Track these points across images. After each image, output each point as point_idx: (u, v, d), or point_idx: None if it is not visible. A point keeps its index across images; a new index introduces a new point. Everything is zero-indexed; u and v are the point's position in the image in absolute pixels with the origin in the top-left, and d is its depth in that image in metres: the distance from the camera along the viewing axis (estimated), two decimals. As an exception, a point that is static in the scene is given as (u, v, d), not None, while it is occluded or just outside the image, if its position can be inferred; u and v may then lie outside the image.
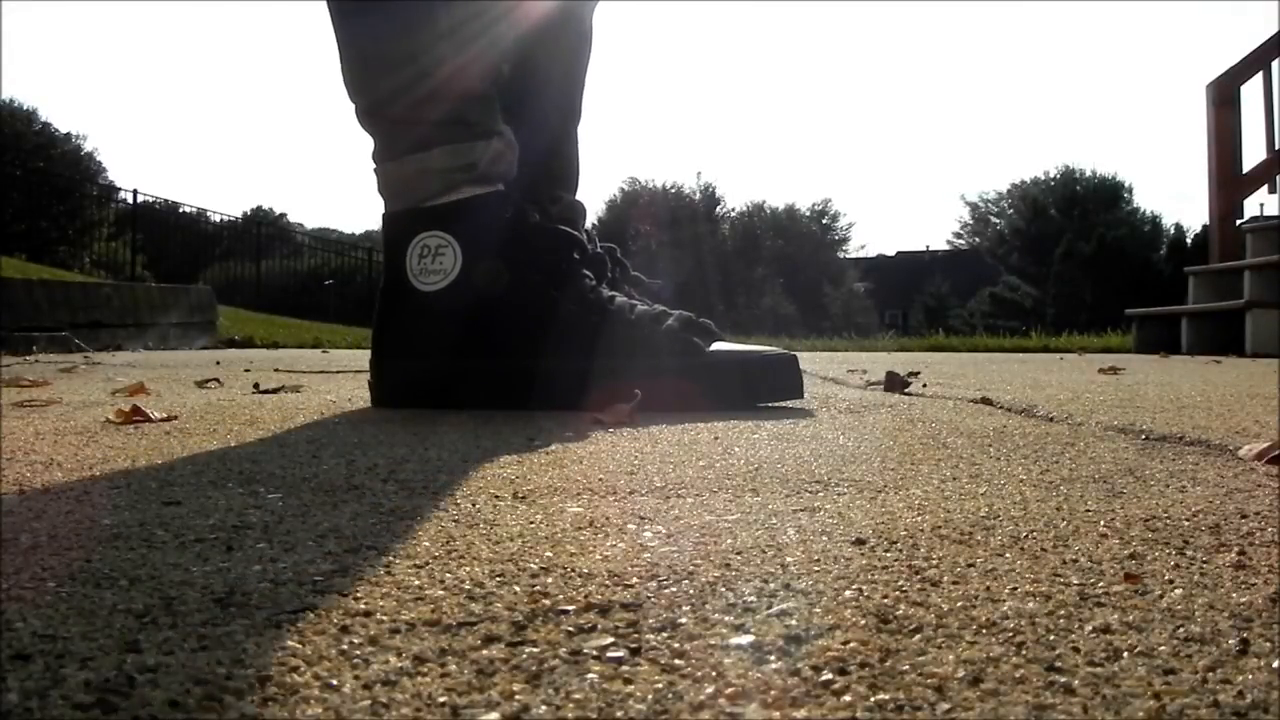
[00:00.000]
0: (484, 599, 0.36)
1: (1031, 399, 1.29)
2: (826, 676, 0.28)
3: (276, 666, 0.29)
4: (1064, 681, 0.28)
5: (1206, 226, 6.10)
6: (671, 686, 0.28)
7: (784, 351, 1.21)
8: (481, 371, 1.14)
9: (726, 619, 0.33)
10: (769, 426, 0.94)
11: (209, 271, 12.53)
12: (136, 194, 11.97)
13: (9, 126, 16.27)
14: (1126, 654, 0.30)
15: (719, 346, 1.17)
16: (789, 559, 0.42)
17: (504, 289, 1.13)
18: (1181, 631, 0.33)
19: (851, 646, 0.31)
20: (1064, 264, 22.58)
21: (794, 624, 0.33)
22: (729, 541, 0.45)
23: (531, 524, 0.49)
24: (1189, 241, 21.22)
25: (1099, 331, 6.52)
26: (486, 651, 0.30)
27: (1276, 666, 0.29)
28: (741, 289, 24.80)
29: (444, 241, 1.14)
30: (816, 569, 0.40)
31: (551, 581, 0.38)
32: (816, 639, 0.32)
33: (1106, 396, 1.33)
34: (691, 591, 0.37)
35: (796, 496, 0.58)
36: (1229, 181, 5.01)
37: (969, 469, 0.69)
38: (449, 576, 0.39)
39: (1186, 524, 0.50)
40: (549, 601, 0.35)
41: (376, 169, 1.20)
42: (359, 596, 0.36)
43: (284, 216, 31.53)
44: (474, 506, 0.54)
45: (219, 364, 2.57)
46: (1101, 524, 0.50)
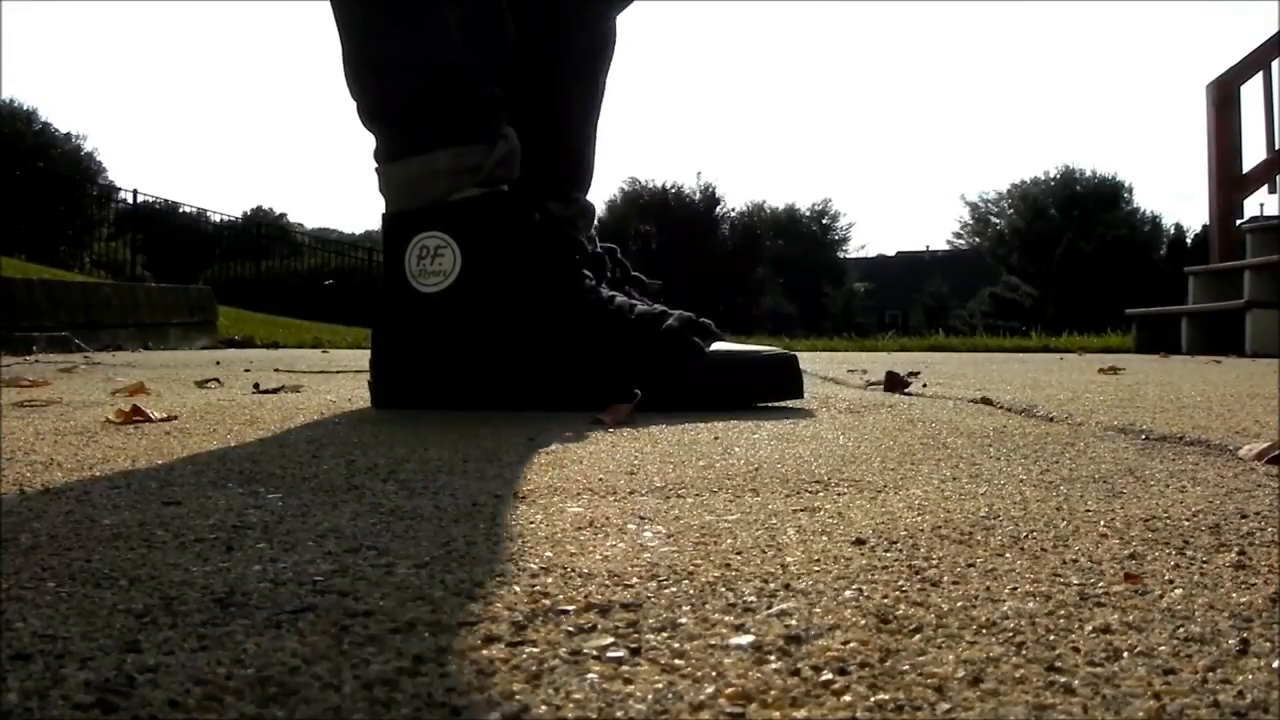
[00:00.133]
0: (484, 599, 0.36)
1: (1031, 399, 1.29)
2: (826, 676, 0.28)
3: (277, 667, 0.29)
4: (1064, 681, 0.28)
5: (1206, 226, 6.10)
6: (671, 686, 0.28)
7: (784, 351, 1.21)
8: (481, 371, 1.14)
9: (726, 619, 0.33)
10: (769, 426, 0.94)
11: (209, 271, 12.51)
12: (136, 194, 12.00)
13: (9, 126, 16.26)
14: (1126, 654, 0.30)
15: (719, 346, 1.17)
16: (789, 559, 0.42)
17: (504, 290, 1.13)
18: (1181, 631, 0.33)
19: (851, 646, 0.31)
20: (1064, 264, 22.57)
21: (794, 624, 0.33)
22: (729, 541, 0.45)
23: (531, 524, 0.49)
24: (1189, 241, 21.22)
25: (1099, 331, 6.52)
26: (486, 651, 0.30)
27: (1276, 666, 0.29)
28: (741, 289, 24.78)
29: (443, 242, 1.13)
30: (816, 569, 0.40)
31: (551, 581, 0.38)
32: (816, 639, 0.32)
33: (1106, 396, 1.33)
34: (691, 591, 0.37)
35: (796, 496, 0.58)
36: (1229, 181, 5.01)
37: (969, 469, 0.69)
38: (449, 576, 0.39)
39: (1186, 524, 0.50)
40: (549, 601, 0.35)
41: (378, 169, 1.20)
42: (359, 596, 0.36)
43: (284, 216, 31.54)
44: (474, 506, 0.54)
45: (219, 364, 2.57)
46: (1101, 524, 0.50)
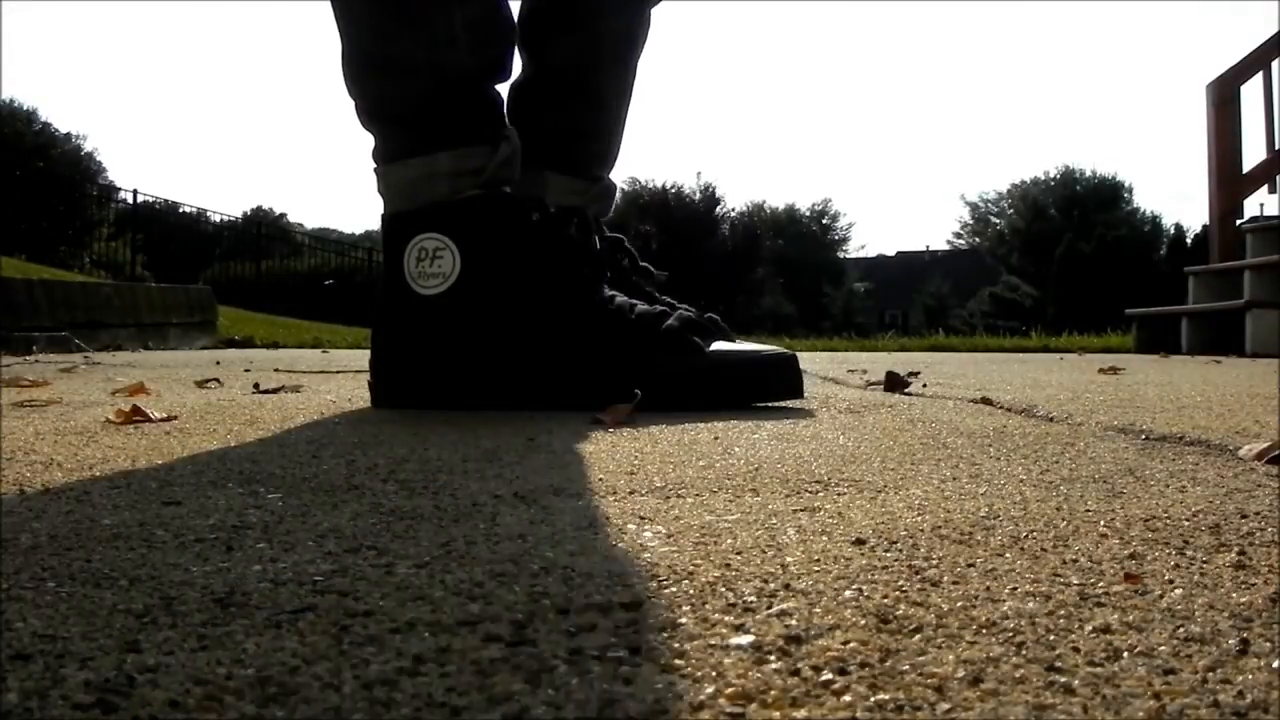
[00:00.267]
0: (484, 599, 0.36)
1: (1031, 399, 1.29)
2: (826, 676, 0.28)
3: (277, 667, 0.29)
4: (1064, 681, 0.28)
5: (1206, 226, 6.09)
6: (671, 686, 0.28)
7: (784, 351, 1.21)
8: (481, 372, 1.13)
9: (726, 619, 0.33)
10: (769, 426, 0.94)
11: (209, 271, 12.51)
12: (136, 194, 12.00)
13: (9, 126, 16.26)
14: (1126, 654, 0.30)
15: (721, 346, 1.17)
16: (789, 559, 0.42)
17: (503, 291, 1.13)
18: (1181, 631, 0.33)
19: (851, 646, 0.31)
20: (1064, 264, 22.56)
21: (794, 624, 0.33)
22: (729, 541, 0.45)
23: (531, 524, 0.49)
24: (1189, 241, 21.21)
25: (1099, 331, 6.52)
26: (486, 651, 0.30)
27: (1276, 666, 0.29)
28: (741, 289, 24.79)
29: (442, 244, 1.13)
30: (816, 569, 0.40)
31: (551, 581, 0.38)
32: (816, 639, 0.32)
33: (1106, 396, 1.33)
34: (691, 591, 0.37)
35: (796, 496, 0.58)
36: (1229, 181, 5.00)
37: (969, 469, 0.69)
38: (449, 576, 0.39)
39: (1186, 524, 0.50)
40: (549, 601, 0.35)
41: (377, 169, 1.19)
42: (359, 596, 0.36)
43: (284, 216, 31.57)
44: (474, 506, 0.54)
45: (219, 364, 2.57)
46: (1101, 524, 0.50)
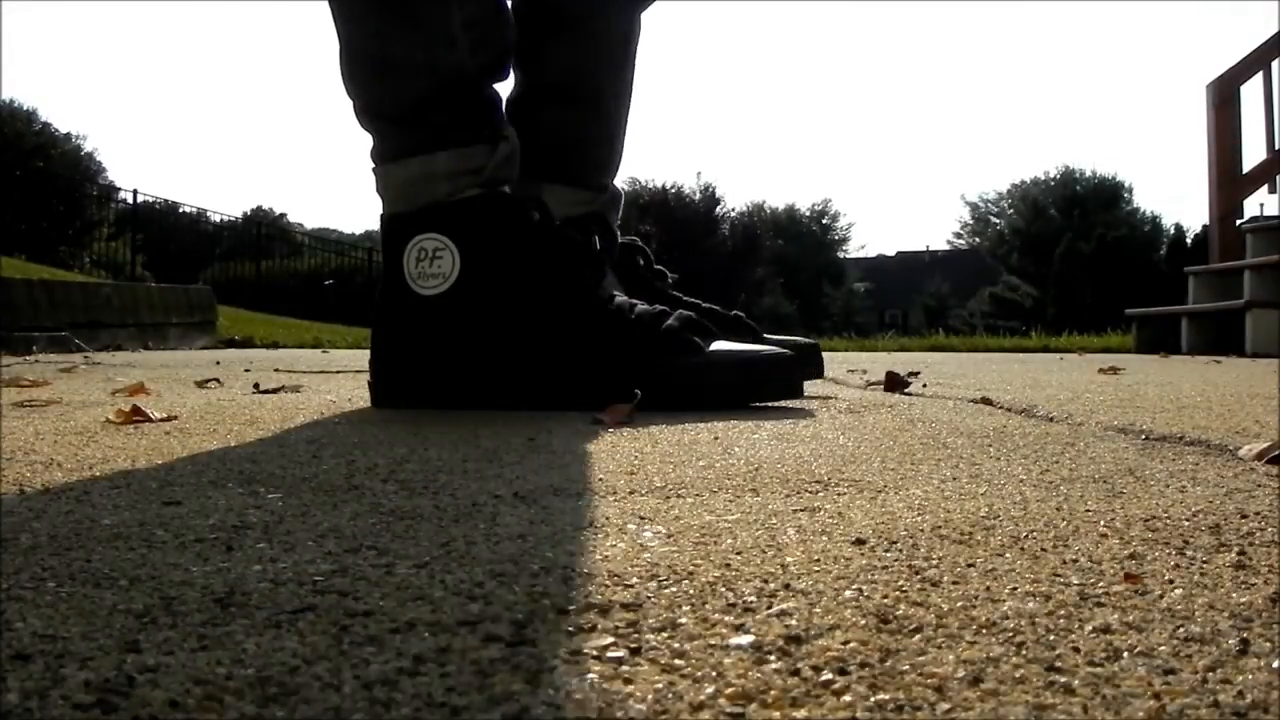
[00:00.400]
0: (484, 599, 0.36)
1: (1031, 399, 1.29)
2: (826, 676, 0.28)
3: (277, 667, 0.29)
4: (1064, 681, 0.28)
5: (1206, 226, 6.09)
6: (671, 686, 0.28)
7: (784, 350, 1.21)
8: (481, 372, 1.13)
9: (726, 619, 0.33)
10: (769, 426, 0.94)
11: (209, 271, 12.51)
12: (136, 194, 12.01)
13: (9, 126, 16.25)
14: (1126, 654, 0.30)
15: (721, 345, 1.17)
16: (789, 559, 0.42)
17: (503, 292, 1.13)
18: (1181, 631, 0.33)
19: (851, 646, 0.31)
20: (1064, 264, 22.57)
21: (794, 624, 0.33)
22: (729, 541, 0.45)
23: (531, 524, 0.49)
24: (1189, 241, 21.20)
25: (1099, 331, 6.52)
26: (486, 651, 0.30)
27: (1276, 666, 0.29)
28: (741, 289, 24.79)
29: (441, 244, 1.13)
30: (816, 569, 0.40)
31: (551, 581, 0.38)
32: (816, 639, 0.32)
33: (1106, 396, 1.33)
34: (691, 591, 0.37)
35: (796, 496, 0.58)
36: (1229, 181, 5.01)
37: (969, 469, 0.69)
38: (449, 576, 0.39)
39: (1186, 524, 0.50)
40: (549, 601, 0.35)
41: (376, 169, 1.19)
42: (359, 596, 0.36)
43: (284, 216, 31.58)
44: (474, 506, 0.54)
45: (219, 364, 2.57)
46: (1101, 524, 0.50)
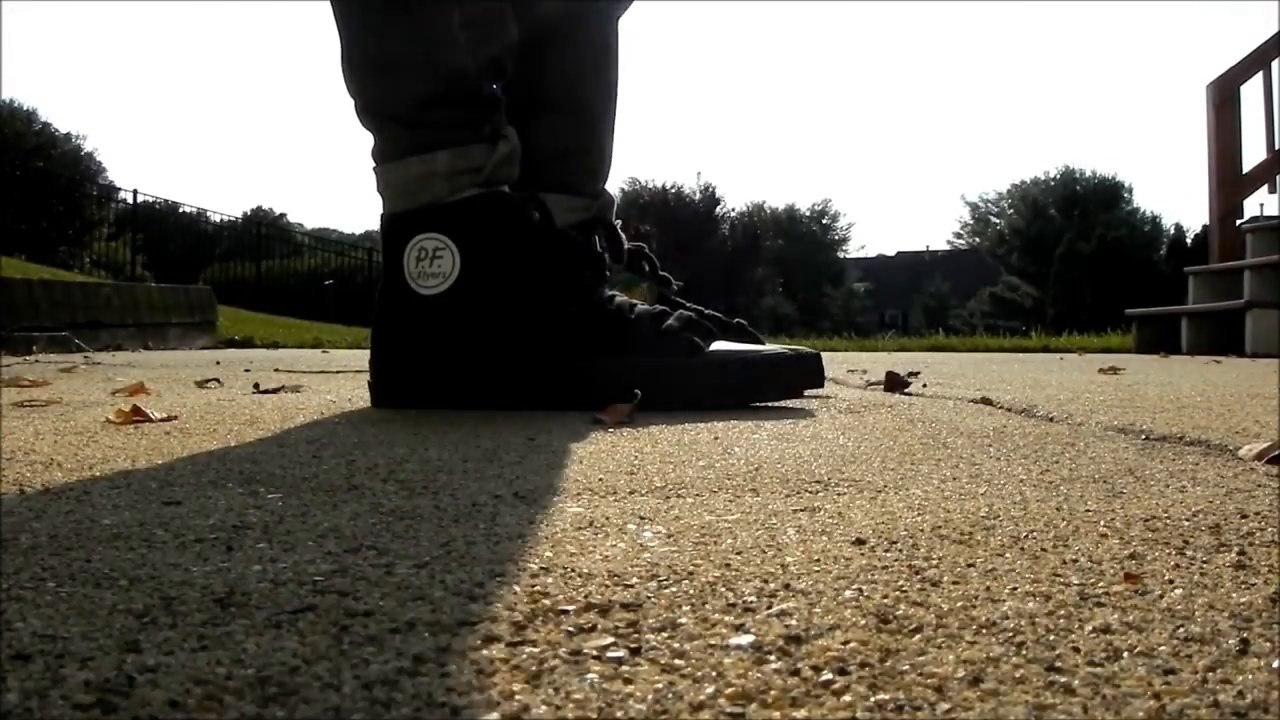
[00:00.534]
0: (484, 599, 0.36)
1: (1031, 399, 1.29)
2: (826, 676, 0.28)
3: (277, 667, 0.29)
4: (1064, 681, 0.28)
5: (1206, 226, 6.10)
6: (671, 686, 0.28)
7: (782, 351, 1.21)
8: (481, 372, 1.13)
9: (726, 619, 0.33)
10: (769, 426, 0.94)
11: (209, 271, 12.52)
12: (136, 194, 12.01)
13: (9, 126, 16.26)
14: (1126, 654, 0.30)
15: (721, 346, 1.17)
16: (789, 559, 0.42)
17: (503, 292, 1.13)
18: (1181, 631, 0.33)
19: (851, 646, 0.31)
20: (1064, 264, 22.58)
21: (794, 624, 0.33)
22: (729, 541, 0.45)
23: (531, 524, 0.49)
24: (1189, 241, 21.21)
25: (1099, 331, 6.52)
26: (486, 651, 0.30)
27: (1276, 666, 0.29)
28: (741, 289, 24.80)
29: (442, 244, 1.13)
30: (816, 569, 0.40)
31: (551, 581, 0.38)
32: (816, 639, 0.32)
33: (1106, 396, 1.33)
34: (691, 591, 0.37)
35: (796, 496, 0.58)
36: (1229, 181, 5.01)
37: (969, 469, 0.69)
38: (449, 576, 0.39)
39: (1186, 524, 0.50)
40: (549, 601, 0.35)
41: (376, 168, 1.19)
42: (359, 596, 0.36)
43: (284, 216, 31.58)
44: (474, 506, 0.54)
45: (219, 364, 2.57)
46: (1101, 524, 0.50)
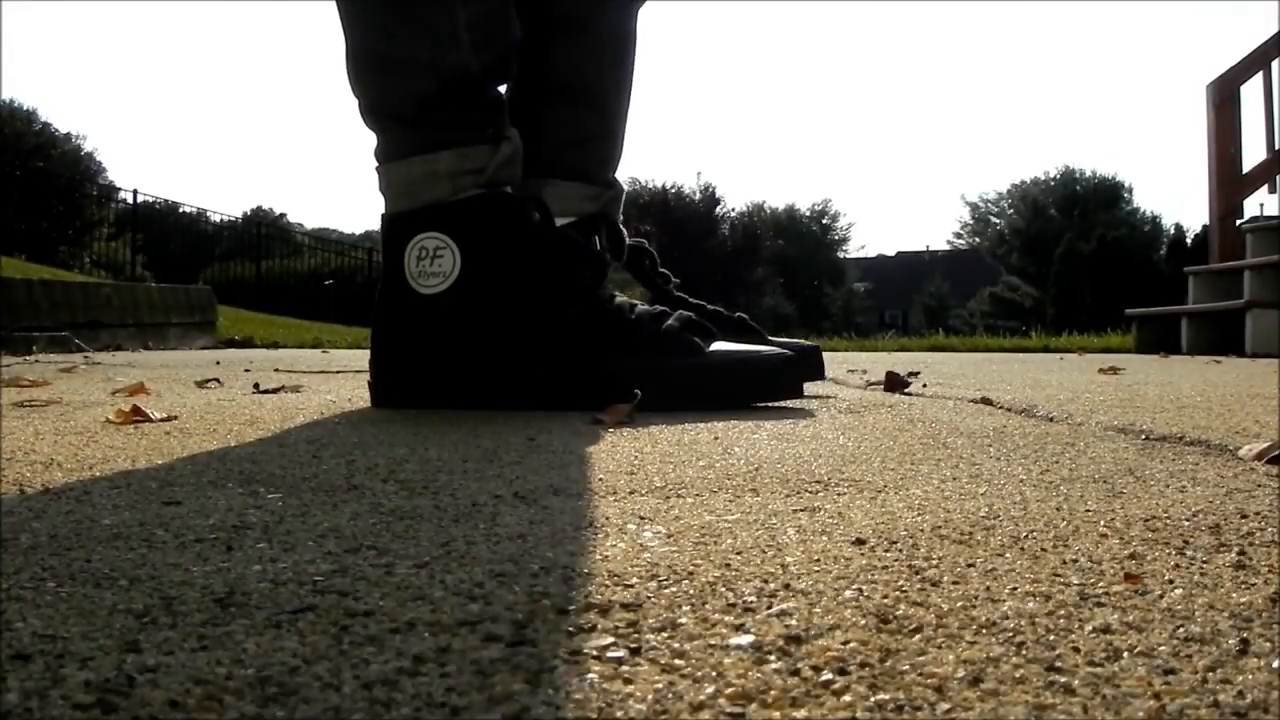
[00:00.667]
0: (484, 599, 0.36)
1: (1031, 399, 1.29)
2: (826, 676, 0.28)
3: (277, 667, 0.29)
4: (1064, 681, 0.28)
5: (1206, 226, 6.10)
6: (671, 686, 0.28)
7: (784, 350, 1.21)
8: (481, 372, 1.13)
9: (726, 619, 0.33)
10: (769, 426, 0.94)
11: (209, 271, 12.52)
12: (136, 194, 12.02)
13: (9, 126, 16.26)
14: (1126, 654, 0.30)
15: (721, 346, 1.17)
16: (789, 559, 0.42)
17: (503, 291, 1.13)
18: (1181, 631, 0.33)
19: (851, 646, 0.31)
20: (1064, 264, 22.58)
21: (794, 624, 0.33)
22: (729, 541, 0.45)
23: (531, 524, 0.49)
24: (1189, 241, 21.20)
25: (1099, 331, 6.52)
26: (486, 651, 0.30)
27: (1276, 666, 0.29)
28: (741, 289, 24.79)
29: (442, 243, 1.13)
30: (816, 569, 0.40)
31: (551, 581, 0.38)
32: (816, 639, 0.32)
33: (1106, 396, 1.33)
34: (691, 591, 0.37)
35: (796, 496, 0.58)
36: (1229, 181, 5.00)
37: (969, 469, 0.69)
38: (449, 576, 0.39)
39: (1186, 524, 0.50)
40: (549, 601, 0.35)
41: (379, 167, 1.19)
42: (359, 596, 0.36)
43: (284, 216, 31.59)
44: (474, 506, 0.54)
45: (219, 364, 2.57)
46: (1101, 524, 0.50)
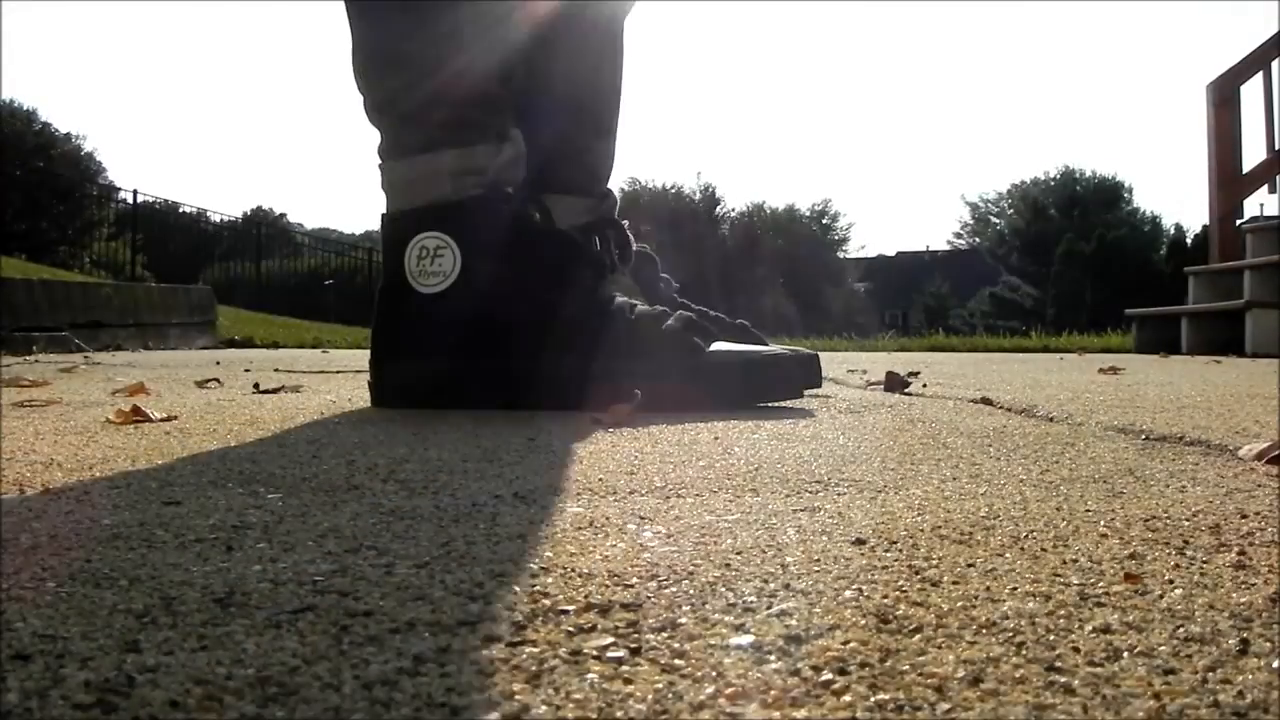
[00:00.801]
0: (484, 599, 0.36)
1: (1031, 399, 1.29)
2: (826, 676, 0.28)
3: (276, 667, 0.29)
4: (1064, 681, 0.28)
5: (1206, 226, 6.10)
6: (671, 686, 0.28)
7: (781, 351, 1.21)
8: (481, 372, 1.13)
9: (726, 619, 0.33)
10: (769, 426, 0.94)
11: (209, 271, 12.52)
12: (136, 194, 12.01)
13: (9, 126, 16.26)
14: (1126, 654, 0.30)
15: (721, 346, 1.17)
16: (789, 559, 0.42)
17: (504, 291, 1.13)
18: (1181, 631, 0.33)
19: (851, 646, 0.31)
20: (1064, 264, 22.60)
21: (794, 624, 0.33)
22: (729, 541, 0.45)
23: (531, 524, 0.49)
24: (1189, 241, 21.20)
25: (1099, 331, 6.53)
26: (486, 651, 0.30)
27: (1276, 666, 0.29)
28: (741, 289, 24.79)
29: (443, 242, 1.13)
30: (816, 569, 0.40)
31: (551, 581, 0.38)
32: (816, 639, 0.32)
33: (1106, 396, 1.33)
34: (691, 591, 0.37)
35: (796, 496, 0.58)
36: (1229, 181, 5.01)
37: (969, 469, 0.69)
38: (449, 576, 0.39)
39: (1186, 524, 0.50)
40: (549, 601, 0.35)
41: (382, 165, 1.20)
42: (359, 596, 0.36)
43: (284, 216, 31.54)
44: (474, 506, 0.54)
45: (219, 364, 2.57)
46: (1101, 524, 0.50)
